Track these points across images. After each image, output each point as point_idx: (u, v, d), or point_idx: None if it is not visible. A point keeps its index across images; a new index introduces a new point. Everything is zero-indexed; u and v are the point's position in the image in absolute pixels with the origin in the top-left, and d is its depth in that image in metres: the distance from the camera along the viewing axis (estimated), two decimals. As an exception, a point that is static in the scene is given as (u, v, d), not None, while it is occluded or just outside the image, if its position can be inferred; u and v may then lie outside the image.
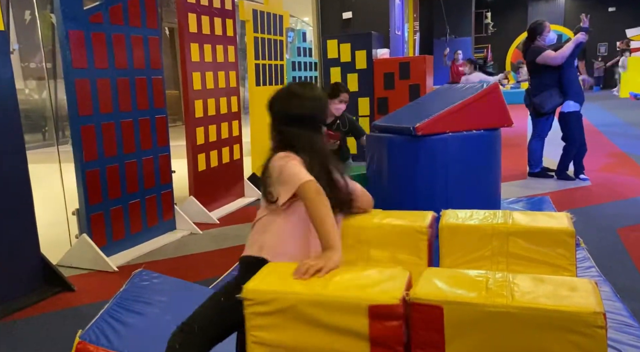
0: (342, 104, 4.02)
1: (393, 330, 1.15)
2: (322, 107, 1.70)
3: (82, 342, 1.55)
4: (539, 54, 4.81)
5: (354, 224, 1.68)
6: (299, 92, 1.68)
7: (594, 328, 0.99)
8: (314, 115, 1.67)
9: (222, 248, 3.65)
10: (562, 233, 1.45)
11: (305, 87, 1.73)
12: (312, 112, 1.65)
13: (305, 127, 1.63)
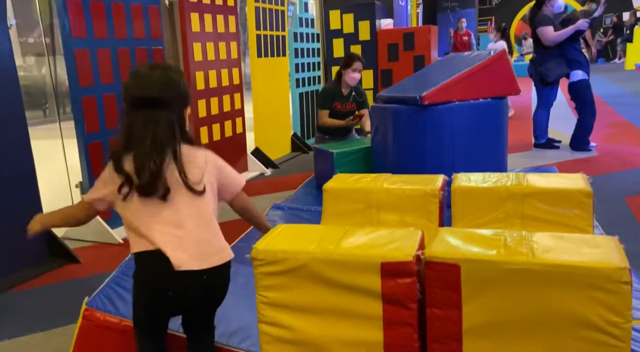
0: (356, 73, 4.00)
1: (406, 287, 1.12)
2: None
3: (88, 309, 1.54)
4: (541, 26, 4.73)
5: (363, 188, 1.65)
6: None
7: (619, 284, 0.96)
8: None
9: (226, 221, 3.62)
10: (579, 193, 1.42)
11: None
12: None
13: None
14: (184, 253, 1.27)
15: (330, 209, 1.72)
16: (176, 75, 1.38)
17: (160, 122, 1.30)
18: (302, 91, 6.03)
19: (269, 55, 5.32)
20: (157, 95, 1.31)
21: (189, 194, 1.31)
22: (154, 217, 1.29)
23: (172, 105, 1.34)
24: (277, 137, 5.67)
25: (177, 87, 1.36)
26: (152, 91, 1.31)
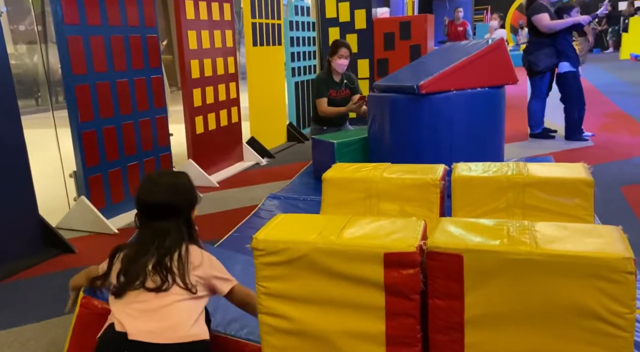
0: (343, 59, 3.98)
1: (409, 278, 1.11)
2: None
3: (86, 297, 1.52)
4: (537, 13, 4.71)
5: (363, 178, 1.63)
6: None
7: (623, 274, 0.95)
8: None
9: (221, 211, 3.61)
10: (581, 183, 1.41)
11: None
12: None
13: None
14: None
15: (329, 198, 1.70)
16: (182, 178, 1.54)
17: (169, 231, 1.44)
18: (297, 80, 5.99)
19: (265, 44, 5.26)
20: (164, 201, 1.47)
21: (181, 292, 1.38)
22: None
23: (181, 210, 1.49)
24: (273, 126, 5.63)
25: (184, 191, 1.52)
26: (160, 197, 1.47)
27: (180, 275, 1.37)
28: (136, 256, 1.40)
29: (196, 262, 1.42)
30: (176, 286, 1.37)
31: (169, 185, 1.50)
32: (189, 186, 1.54)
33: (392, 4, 7.04)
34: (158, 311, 1.34)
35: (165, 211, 1.45)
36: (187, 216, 1.50)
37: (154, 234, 1.42)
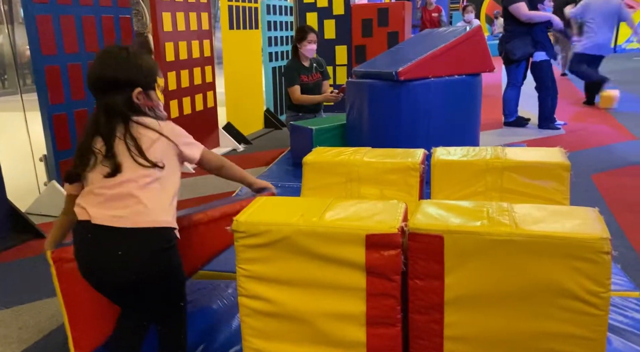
0: (312, 44, 3.97)
1: (390, 259, 1.12)
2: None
3: (54, 251, 1.41)
4: (514, 3, 4.77)
5: (344, 162, 1.63)
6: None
7: (600, 254, 0.97)
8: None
9: (198, 196, 3.57)
10: (558, 167, 1.43)
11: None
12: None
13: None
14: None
15: (309, 182, 1.69)
16: (128, 51, 1.42)
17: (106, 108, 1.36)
18: (275, 65, 5.92)
19: (241, 28, 5.18)
20: (105, 74, 1.37)
21: (137, 167, 1.32)
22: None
23: (127, 84, 1.38)
24: (250, 112, 5.57)
25: (119, 69, 1.39)
26: (101, 70, 1.38)
27: (137, 153, 1.31)
28: (87, 138, 1.34)
29: (154, 136, 1.35)
30: (136, 166, 1.30)
31: (113, 57, 1.39)
32: (135, 58, 1.40)
33: (370, -10, 7.01)
34: (122, 196, 1.29)
35: (108, 85, 1.36)
36: (137, 89, 1.38)
37: (101, 113, 1.35)
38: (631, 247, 2.42)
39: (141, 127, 1.35)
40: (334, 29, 5.93)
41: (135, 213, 1.27)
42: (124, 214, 1.27)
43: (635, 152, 4.04)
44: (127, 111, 1.35)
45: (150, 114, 1.41)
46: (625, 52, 12.24)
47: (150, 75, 1.43)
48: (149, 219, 1.27)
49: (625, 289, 1.86)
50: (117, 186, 1.29)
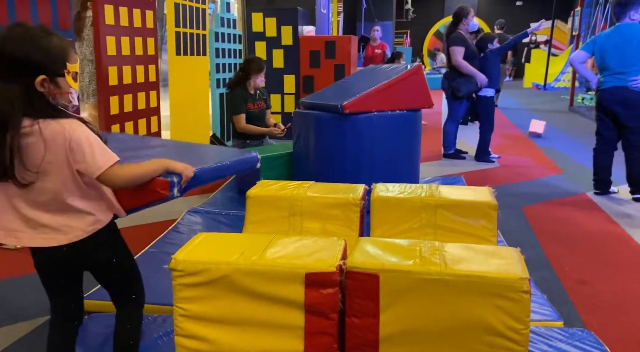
0: (263, 77, 4.10)
1: (328, 297, 1.15)
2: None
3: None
4: (454, 45, 5.06)
5: (287, 196, 1.66)
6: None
7: (520, 293, 1.05)
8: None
9: (137, 225, 3.47)
10: (486, 206, 1.53)
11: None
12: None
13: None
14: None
15: (253, 215, 1.71)
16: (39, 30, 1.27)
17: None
18: (222, 92, 5.92)
19: (189, 54, 5.16)
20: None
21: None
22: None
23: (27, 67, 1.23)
24: (195, 137, 5.51)
25: (16, 52, 1.23)
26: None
27: (17, 162, 1.20)
28: None
29: (39, 146, 1.21)
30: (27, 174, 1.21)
31: (15, 32, 1.23)
32: (43, 37, 1.25)
33: (318, 23, 7.21)
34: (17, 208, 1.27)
35: (4, 67, 1.22)
36: (38, 76, 1.23)
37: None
38: (557, 278, 2.57)
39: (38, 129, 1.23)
40: (282, 59, 6.03)
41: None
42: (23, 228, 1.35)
43: (561, 186, 4.33)
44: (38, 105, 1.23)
45: (53, 103, 1.27)
46: (554, 90, 13.18)
47: (59, 60, 1.27)
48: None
49: (550, 319, 1.98)
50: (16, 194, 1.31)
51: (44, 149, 1.23)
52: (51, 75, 1.27)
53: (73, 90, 1.33)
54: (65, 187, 1.29)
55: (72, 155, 1.26)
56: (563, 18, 15.27)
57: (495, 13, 17.51)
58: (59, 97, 1.29)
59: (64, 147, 1.25)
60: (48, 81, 1.27)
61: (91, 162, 1.27)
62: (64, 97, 1.31)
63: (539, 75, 13.66)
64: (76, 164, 1.27)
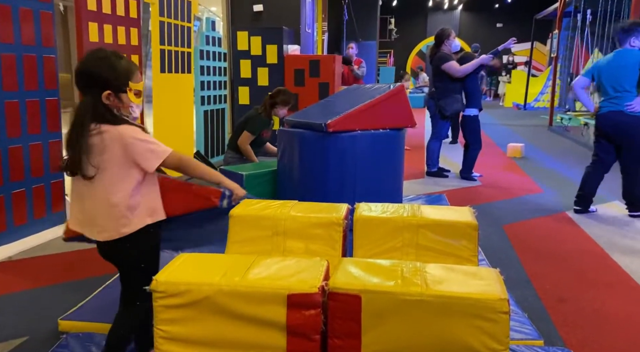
0: (286, 110, 4.19)
1: (310, 319, 1.14)
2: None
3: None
4: (446, 62, 5.13)
5: (270, 215, 1.66)
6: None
7: (499, 313, 1.06)
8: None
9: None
10: (467, 226, 1.55)
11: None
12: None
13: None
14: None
15: (235, 235, 1.70)
16: (107, 52, 1.59)
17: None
18: (207, 109, 5.93)
19: (173, 71, 5.17)
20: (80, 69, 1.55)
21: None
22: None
23: (97, 83, 1.54)
24: (179, 155, 5.48)
25: (90, 69, 1.56)
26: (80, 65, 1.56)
27: (85, 157, 1.46)
28: (67, 134, 1.51)
29: (101, 145, 1.49)
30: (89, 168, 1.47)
31: (93, 55, 1.57)
32: (113, 59, 1.55)
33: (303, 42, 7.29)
34: (82, 199, 1.53)
35: (82, 81, 1.54)
36: (105, 90, 1.52)
37: (76, 109, 1.51)
38: (537, 296, 2.60)
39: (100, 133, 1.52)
40: (267, 77, 6.08)
41: (91, 224, 1.61)
42: (83, 222, 1.63)
43: (541, 204, 4.40)
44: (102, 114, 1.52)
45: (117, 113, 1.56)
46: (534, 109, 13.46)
47: (123, 79, 1.56)
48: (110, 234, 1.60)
49: (531, 338, 2.00)
50: (82, 185, 1.57)
51: (103, 149, 1.49)
52: (115, 91, 1.56)
53: (134, 105, 1.61)
54: (113, 186, 1.51)
55: (130, 150, 1.52)
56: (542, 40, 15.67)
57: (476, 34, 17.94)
58: (121, 109, 1.58)
59: (119, 147, 1.51)
60: (113, 95, 1.56)
61: (149, 154, 1.54)
62: (125, 110, 1.60)
63: (519, 95, 13.96)
64: (136, 156, 1.52)
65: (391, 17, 19.45)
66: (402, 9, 19.70)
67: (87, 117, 1.49)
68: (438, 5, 19.74)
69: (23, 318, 2.33)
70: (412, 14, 20.15)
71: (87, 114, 1.49)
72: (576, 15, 11.43)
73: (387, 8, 18.87)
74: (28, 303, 2.50)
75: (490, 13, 19.64)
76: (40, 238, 3.38)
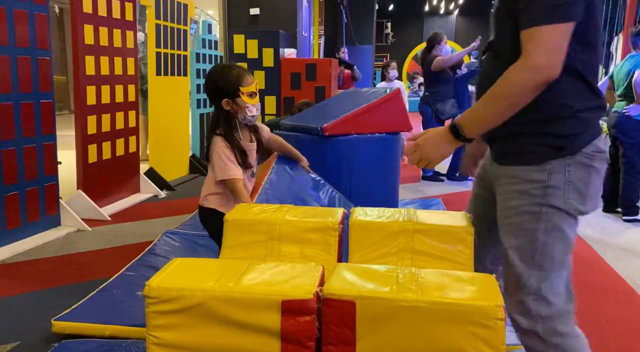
0: None
1: (305, 325, 1.13)
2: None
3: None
4: (431, 61, 5.19)
5: (266, 220, 1.65)
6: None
7: (494, 320, 1.05)
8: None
9: (113, 246, 3.40)
10: (462, 231, 1.54)
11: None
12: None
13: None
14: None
15: (230, 240, 1.68)
16: (220, 66, 2.10)
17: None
18: (203, 112, 5.92)
19: (169, 74, 5.16)
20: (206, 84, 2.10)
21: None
22: None
23: (214, 95, 2.02)
24: (174, 157, 5.47)
25: (210, 83, 2.05)
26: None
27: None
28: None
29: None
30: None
31: (212, 69, 2.06)
32: (220, 71, 1.99)
33: (299, 46, 7.29)
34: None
35: (207, 94, 2.06)
36: (223, 100, 1.98)
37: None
38: (532, 300, 2.60)
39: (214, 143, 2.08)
40: (264, 80, 6.07)
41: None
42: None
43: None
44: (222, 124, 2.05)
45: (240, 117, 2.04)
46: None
47: (233, 86, 1.95)
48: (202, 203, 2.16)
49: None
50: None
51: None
52: (232, 98, 1.97)
53: (249, 105, 1.99)
54: (210, 178, 2.13)
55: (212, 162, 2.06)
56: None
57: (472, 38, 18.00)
58: (240, 111, 2.01)
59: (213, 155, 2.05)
60: (230, 102, 1.99)
61: (216, 170, 2.04)
62: (242, 111, 2.01)
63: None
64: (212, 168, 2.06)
65: (387, 22, 19.50)
66: (398, 14, 19.75)
67: (211, 126, 2.05)
68: (434, 9, 19.81)
69: (15, 322, 2.31)
70: (408, 18, 20.21)
71: (212, 123, 2.04)
72: (571, 20, 11.45)
73: (384, 12, 18.92)
74: (21, 307, 2.48)
75: (486, 18, 19.72)
76: (34, 241, 3.36)
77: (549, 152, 1.33)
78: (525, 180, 1.36)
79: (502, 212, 1.45)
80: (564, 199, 1.33)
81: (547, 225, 1.34)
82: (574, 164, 1.33)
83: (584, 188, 1.34)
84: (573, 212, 1.35)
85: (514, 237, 1.40)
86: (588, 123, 1.34)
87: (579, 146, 1.33)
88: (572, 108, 1.32)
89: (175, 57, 5.22)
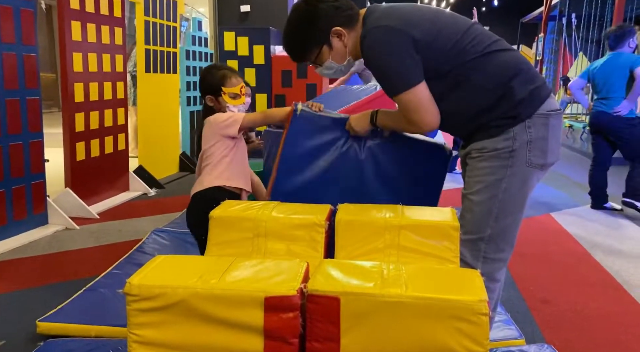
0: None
1: (288, 322, 1.12)
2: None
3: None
4: None
5: (252, 217, 1.64)
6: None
7: (478, 315, 1.05)
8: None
9: (101, 245, 3.38)
10: (448, 227, 1.54)
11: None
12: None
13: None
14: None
15: (215, 237, 1.67)
16: (209, 66, 2.26)
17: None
18: (193, 110, 5.88)
19: (159, 71, 5.13)
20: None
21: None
22: None
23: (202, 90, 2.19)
24: (164, 155, 5.43)
25: (200, 79, 2.22)
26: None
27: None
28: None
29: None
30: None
31: (205, 66, 2.28)
32: (209, 69, 2.17)
33: (290, 43, 7.27)
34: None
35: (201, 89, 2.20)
36: (207, 97, 2.13)
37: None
38: (521, 297, 2.61)
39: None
40: (254, 77, 6.05)
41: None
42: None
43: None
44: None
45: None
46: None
47: (216, 85, 2.10)
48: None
49: (513, 338, 2.01)
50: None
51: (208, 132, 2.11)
52: (214, 95, 2.12)
53: (230, 106, 2.11)
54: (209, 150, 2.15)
55: (217, 125, 2.07)
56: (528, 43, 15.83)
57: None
58: (221, 110, 2.12)
59: (212, 128, 2.08)
60: (214, 99, 2.13)
61: (224, 128, 2.09)
62: (223, 110, 2.13)
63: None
64: (222, 127, 2.08)
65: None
66: (390, 11, 19.72)
67: (203, 115, 2.15)
68: (426, 7, 19.81)
69: (0, 322, 2.28)
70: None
71: (203, 112, 2.17)
72: (561, 19, 11.56)
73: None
74: (6, 306, 2.45)
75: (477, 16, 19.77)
76: (20, 240, 3.32)
77: (510, 123, 1.57)
78: (494, 149, 1.59)
79: (470, 171, 1.66)
80: (527, 158, 1.58)
81: (510, 179, 1.59)
82: (533, 126, 1.56)
83: (544, 145, 1.58)
84: (537, 167, 1.60)
85: (478, 189, 1.64)
86: (528, 90, 1.56)
87: (533, 108, 1.56)
88: (506, 85, 1.56)
89: (165, 54, 5.18)
